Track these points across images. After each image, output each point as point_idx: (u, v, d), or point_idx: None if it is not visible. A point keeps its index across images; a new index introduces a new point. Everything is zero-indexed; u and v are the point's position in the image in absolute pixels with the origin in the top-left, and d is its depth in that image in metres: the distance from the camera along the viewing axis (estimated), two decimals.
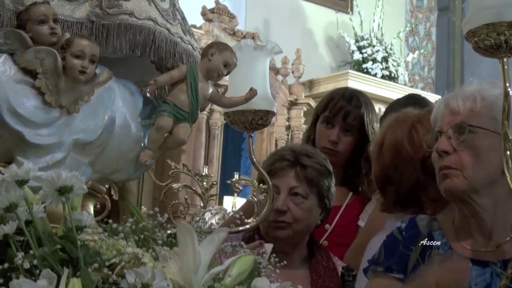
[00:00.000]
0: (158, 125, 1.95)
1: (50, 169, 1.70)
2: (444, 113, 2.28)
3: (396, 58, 9.60)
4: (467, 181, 2.20)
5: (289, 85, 8.33)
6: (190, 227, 1.50)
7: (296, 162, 2.92)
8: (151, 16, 1.93)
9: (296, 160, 2.92)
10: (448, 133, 2.23)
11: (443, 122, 2.27)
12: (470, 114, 2.23)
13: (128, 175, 2.02)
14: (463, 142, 2.21)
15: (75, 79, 1.77)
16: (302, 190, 2.86)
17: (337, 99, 3.45)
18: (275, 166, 2.94)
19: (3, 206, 1.42)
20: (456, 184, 2.21)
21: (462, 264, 2.16)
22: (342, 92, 3.56)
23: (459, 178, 2.21)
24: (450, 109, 2.27)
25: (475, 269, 2.22)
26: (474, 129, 2.21)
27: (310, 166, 2.90)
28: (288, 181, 2.88)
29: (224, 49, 2.03)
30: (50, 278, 1.31)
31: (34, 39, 1.78)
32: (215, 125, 7.67)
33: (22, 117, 1.72)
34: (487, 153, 2.21)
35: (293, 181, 2.88)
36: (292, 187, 2.86)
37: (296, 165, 2.91)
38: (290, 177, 2.89)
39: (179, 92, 1.98)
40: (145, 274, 1.34)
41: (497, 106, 2.20)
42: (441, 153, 2.23)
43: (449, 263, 2.15)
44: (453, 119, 2.24)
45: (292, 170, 2.90)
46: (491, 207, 2.24)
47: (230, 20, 8.29)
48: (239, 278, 1.54)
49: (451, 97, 2.30)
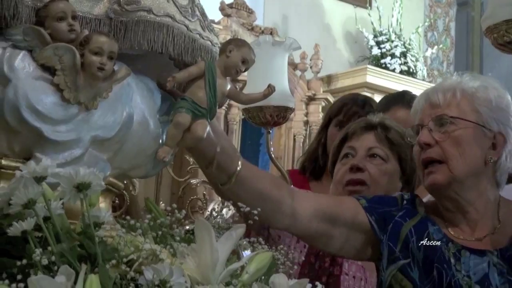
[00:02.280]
0: (176, 121, 1.95)
1: (68, 165, 1.71)
2: (424, 106, 2.29)
3: (415, 53, 9.57)
4: (451, 173, 2.21)
5: (308, 80, 8.31)
6: (207, 224, 1.51)
7: (377, 124, 2.69)
8: (169, 13, 1.93)
9: (378, 122, 2.69)
10: (429, 126, 2.25)
11: (424, 115, 2.29)
12: (450, 106, 2.25)
13: (147, 171, 2.03)
14: (445, 133, 2.22)
15: (94, 75, 1.77)
16: (381, 152, 2.63)
17: (350, 104, 3.46)
18: (352, 128, 2.73)
19: (21, 203, 1.43)
20: (440, 179, 2.22)
21: None
22: (355, 98, 3.58)
23: (443, 171, 2.22)
24: (430, 103, 2.28)
25: (473, 258, 2.22)
26: (455, 120, 2.23)
27: (393, 128, 2.67)
28: (366, 142, 2.65)
29: (242, 46, 2.02)
30: (68, 274, 1.32)
31: (52, 36, 1.78)
32: (233, 120, 7.66)
33: (40, 114, 1.72)
34: (469, 144, 2.23)
35: (372, 142, 2.65)
36: (370, 147, 2.63)
37: (377, 127, 2.68)
38: (369, 137, 2.66)
39: (197, 89, 1.98)
40: (162, 271, 1.35)
41: (477, 98, 2.22)
42: (423, 146, 2.24)
43: None
44: (434, 111, 2.26)
45: (372, 131, 2.67)
46: (476, 199, 2.26)
47: (249, 15, 8.28)
48: (257, 275, 1.54)
49: (430, 91, 2.32)
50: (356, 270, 2.49)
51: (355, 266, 2.49)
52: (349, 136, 2.69)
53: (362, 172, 2.58)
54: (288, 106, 2.94)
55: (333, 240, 2.27)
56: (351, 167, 2.58)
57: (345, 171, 2.58)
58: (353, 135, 2.68)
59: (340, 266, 2.46)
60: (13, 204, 1.44)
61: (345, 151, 2.64)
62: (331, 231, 2.25)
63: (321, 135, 3.55)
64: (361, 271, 2.50)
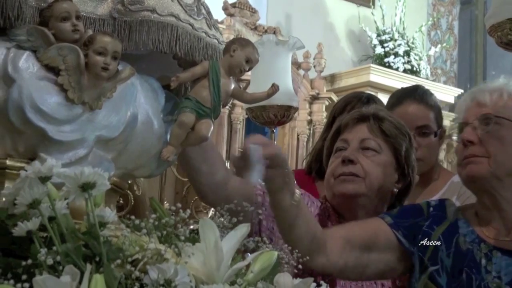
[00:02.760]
0: (180, 121, 1.95)
1: (73, 165, 1.71)
2: (470, 105, 2.30)
3: (418, 52, 9.56)
4: (491, 168, 2.21)
5: (311, 80, 8.31)
6: (212, 223, 1.51)
7: (370, 115, 2.62)
8: (174, 12, 1.93)
9: (371, 113, 2.63)
10: (474, 124, 2.25)
11: (469, 114, 2.29)
12: (496, 106, 2.26)
13: (151, 171, 2.03)
14: (489, 132, 2.23)
15: (98, 75, 1.78)
16: (374, 143, 2.56)
17: (354, 102, 3.45)
18: (345, 120, 2.67)
19: (26, 203, 1.43)
20: (480, 170, 2.23)
21: None
22: (358, 95, 3.56)
23: (483, 164, 2.22)
24: (477, 102, 2.29)
25: (504, 259, 2.22)
26: (500, 120, 2.23)
27: (387, 119, 2.61)
28: (359, 133, 2.59)
29: (246, 45, 2.03)
30: (73, 274, 1.32)
31: (56, 36, 1.78)
32: (237, 120, 7.66)
33: (45, 114, 1.73)
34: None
35: (365, 133, 2.58)
36: (363, 139, 2.57)
37: (369, 118, 2.61)
38: (361, 129, 2.60)
39: (201, 88, 1.98)
40: (167, 270, 1.35)
41: None
42: (466, 143, 2.25)
43: None
44: (480, 110, 2.27)
45: (365, 123, 2.60)
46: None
47: (252, 15, 8.28)
48: (261, 274, 1.54)
49: (477, 91, 2.33)
50: None
51: None
52: (342, 129, 2.65)
53: (354, 164, 2.52)
54: (292, 105, 2.95)
55: (369, 267, 2.30)
56: (343, 159, 2.53)
57: (337, 164, 2.55)
58: (346, 128, 2.64)
59: None
60: (18, 204, 1.44)
61: (338, 144, 2.60)
62: (364, 259, 2.27)
63: (325, 134, 3.53)
64: None
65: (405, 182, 2.61)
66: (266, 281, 1.54)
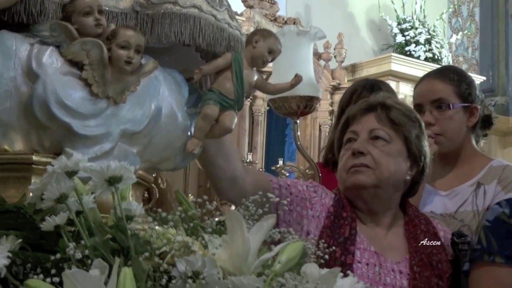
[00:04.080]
0: (204, 113, 1.95)
1: (98, 159, 1.72)
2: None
3: (439, 40, 9.52)
4: None
5: (332, 70, 8.31)
6: (238, 214, 1.51)
7: (377, 104, 2.61)
8: (196, 4, 1.93)
9: (378, 102, 2.61)
10: None
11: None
12: None
13: (176, 164, 2.03)
14: None
15: (121, 69, 1.78)
16: (383, 133, 2.54)
17: (360, 90, 3.42)
18: (353, 111, 2.66)
19: (53, 198, 1.44)
20: None
21: None
22: (364, 83, 3.53)
23: None
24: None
25: None
26: None
27: (394, 107, 2.59)
28: (367, 124, 2.57)
29: (268, 36, 2.02)
30: (102, 267, 1.32)
31: (79, 31, 1.79)
32: (258, 112, 7.67)
33: (69, 109, 1.73)
34: None
35: (373, 123, 2.56)
36: (371, 129, 2.55)
37: (377, 107, 2.59)
38: (369, 119, 2.58)
39: (225, 80, 1.98)
40: (195, 262, 1.35)
41: None
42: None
43: None
44: None
45: (372, 113, 2.59)
46: None
47: (271, 6, 8.28)
48: (288, 265, 1.54)
49: None
50: (369, 256, 2.47)
51: (368, 253, 2.47)
52: (350, 120, 2.63)
53: (365, 156, 2.51)
54: (314, 96, 2.94)
55: None
56: (353, 152, 2.53)
57: (348, 156, 2.55)
58: (354, 119, 2.62)
59: (352, 254, 2.43)
60: (46, 199, 1.45)
61: (348, 136, 2.60)
62: None
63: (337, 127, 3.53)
64: (374, 257, 2.47)
65: (418, 168, 2.60)
66: (293, 272, 1.54)
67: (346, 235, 2.44)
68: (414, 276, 2.45)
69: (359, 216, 2.54)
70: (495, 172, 3.04)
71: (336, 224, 2.47)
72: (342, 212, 2.51)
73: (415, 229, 2.57)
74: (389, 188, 2.54)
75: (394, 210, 2.61)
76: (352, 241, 2.44)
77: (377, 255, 2.48)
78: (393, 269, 2.48)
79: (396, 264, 2.48)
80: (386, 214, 2.58)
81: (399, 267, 2.48)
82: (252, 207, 1.70)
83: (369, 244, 2.49)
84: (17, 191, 1.73)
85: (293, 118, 3.05)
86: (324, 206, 2.53)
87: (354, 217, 2.50)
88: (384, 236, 2.56)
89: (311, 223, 2.49)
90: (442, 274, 2.48)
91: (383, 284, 2.44)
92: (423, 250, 2.51)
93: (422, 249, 2.51)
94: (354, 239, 2.45)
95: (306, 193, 2.54)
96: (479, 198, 3.00)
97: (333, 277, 1.54)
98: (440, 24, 9.84)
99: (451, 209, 2.98)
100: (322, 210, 2.52)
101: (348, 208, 2.52)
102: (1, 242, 1.41)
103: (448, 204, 2.96)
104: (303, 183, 2.64)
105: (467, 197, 3.03)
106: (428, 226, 2.60)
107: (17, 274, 1.39)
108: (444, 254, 2.54)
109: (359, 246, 2.47)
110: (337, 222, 2.48)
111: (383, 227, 2.57)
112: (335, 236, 2.44)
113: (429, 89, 3.12)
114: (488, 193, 2.99)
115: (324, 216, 2.51)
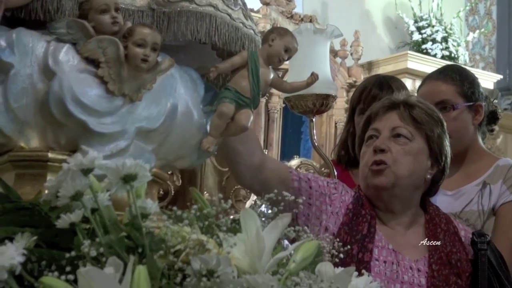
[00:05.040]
0: (220, 111, 1.95)
1: (114, 157, 1.72)
2: None
3: (456, 38, 9.48)
4: None
5: (348, 67, 8.29)
6: (253, 213, 1.51)
7: (400, 102, 2.61)
8: (212, 2, 1.93)
9: (401, 101, 2.62)
10: None
11: None
12: None
13: (191, 161, 2.03)
14: None
15: (138, 67, 1.78)
16: (405, 131, 2.54)
17: (369, 88, 3.40)
18: (375, 108, 2.67)
19: (69, 195, 1.44)
20: None
21: None
22: (373, 80, 3.51)
23: None
24: None
25: None
26: None
27: (417, 106, 2.60)
28: (389, 122, 2.58)
29: (284, 34, 2.02)
30: (116, 265, 1.32)
31: (96, 29, 1.79)
32: (274, 109, 7.66)
33: (85, 106, 1.74)
34: None
35: (396, 121, 2.57)
36: (394, 127, 2.55)
37: (399, 105, 2.60)
38: (392, 117, 2.59)
39: (240, 78, 1.98)
40: (210, 261, 1.35)
41: None
42: None
43: None
44: None
45: (395, 111, 2.59)
46: None
47: (288, 3, 8.27)
48: (303, 263, 1.54)
49: None
50: (387, 254, 2.47)
51: (385, 250, 2.47)
52: (372, 118, 2.64)
53: (385, 153, 2.51)
54: (330, 94, 2.94)
55: None
56: (374, 149, 2.53)
57: (369, 154, 2.55)
58: (376, 116, 2.63)
59: (370, 252, 2.43)
60: (61, 197, 1.45)
61: (370, 133, 2.60)
62: None
63: (349, 125, 3.51)
64: (392, 255, 2.47)
65: (439, 166, 2.60)
66: (308, 271, 1.54)
67: (364, 232, 2.44)
68: (433, 274, 2.45)
69: (379, 215, 2.55)
70: (501, 172, 3.04)
71: (354, 221, 2.48)
72: (361, 210, 2.51)
73: (435, 227, 2.56)
74: (408, 186, 2.54)
75: (414, 209, 2.61)
76: (371, 239, 2.44)
77: (395, 253, 2.48)
78: (411, 267, 2.47)
79: (415, 262, 2.48)
80: (406, 213, 2.58)
81: (417, 265, 2.48)
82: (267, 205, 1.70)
83: (387, 242, 2.49)
84: (32, 188, 1.73)
85: (309, 116, 3.04)
86: (343, 203, 2.53)
87: (374, 215, 2.51)
88: (403, 234, 2.56)
89: (330, 219, 2.50)
90: (461, 273, 2.47)
91: (401, 282, 2.44)
92: (443, 249, 2.51)
93: (442, 247, 2.51)
94: (372, 236, 2.45)
95: (326, 189, 2.55)
96: (484, 197, 3.00)
97: (347, 276, 1.54)
98: (457, 22, 9.80)
99: (457, 208, 2.97)
100: (342, 207, 2.52)
101: (367, 206, 2.52)
102: (17, 239, 1.41)
103: (454, 204, 2.95)
104: (324, 179, 2.64)
105: (472, 196, 3.02)
106: (448, 225, 2.59)
107: (32, 271, 1.39)
108: (464, 253, 2.54)
109: (377, 243, 2.47)
110: (356, 219, 2.48)
111: (402, 226, 2.57)
112: (353, 233, 2.44)
113: (432, 91, 3.12)
114: (493, 193, 2.99)
115: (343, 213, 2.51)
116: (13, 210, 1.53)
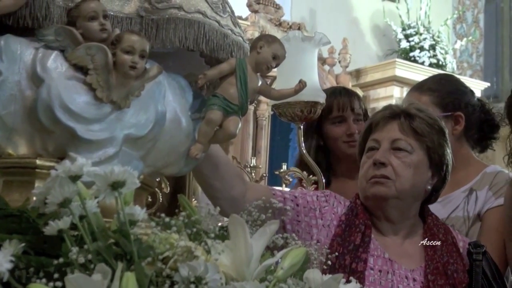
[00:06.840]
0: (208, 118, 1.95)
1: (102, 164, 1.72)
2: None
3: (444, 46, 9.54)
4: None
5: (336, 75, 8.32)
6: (241, 220, 1.51)
7: (400, 112, 2.59)
8: (200, 9, 1.93)
9: (401, 110, 2.60)
10: None
11: None
12: None
13: (179, 168, 2.03)
14: None
15: (126, 74, 1.78)
16: (405, 144, 2.52)
17: (335, 96, 3.42)
18: (376, 118, 2.64)
19: (57, 202, 1.44)
20: None
21: None
22: (332, 90, 3.55)
23: None
24: None
25: None
26: None
27: (418, 116, 2.57)
28: (390, 133, 2.56)
29: (273, 42, 2.02)
30: (104, 272, 1.32)
31: (84, 36, 1.79)
32: (262, 116, 7.68)
33: (74, 113, 1.73)
34: None
35: (396, 133, 2.55)
36: (394, 139, 2.54)
37: (400, 115, 2.58)
38: (392, 128, 2.57)
39: (229, 86, 1.98)
40: (198, 267, 1.35)
41: None
42: None
43: None
44: None
45: (395, 121, 2.57)
46: None
47: (276, 11, 8.30)
48: (291, 270, 1.54)
49: None
50: (383, 263, 2.47)
51: (381, 259, 2.47)
52: (373, 128, 2.63)
53: (386, 167, 2.50)
54: (318, 101, 2.94)
55: None
56: (374, 162, 2.53)
57: (369, 165, 2.54)
58: (377, 126, 2.61)
59: (364, 261, 2.43)
60: (49, 203, 1.45)
61: (370, 144, 2.59)
62: None
63: (315, 142, 3.48)
64: (388, 264, 2.47)
65: (440, 176, 2.60)
66: (295, 278, 1.54)
67: (357, 243, 2.44)
68: (428, 284, 2.45)
69: (376, 224, 2.55)
70: (488, 178, 3.06)
71: (347, 232, 2.47)
72: (354, 220, 2.50)
73: (433, 237, 2.56)
74: (409, 199, 2.55)
75: (413, 219, 2.61)
76: (365, 248, 2.44)
77: (391, 262, 2.48)
78: (406, 276, 2.47)
79: (410, 271, 2.48)
80: (405, 223, 2.58)
81: (413, 274, 2.48)
82: (255, 212, 1.70)
83: (384, 251, 2.49)
84: (20, 195, 1.73)
85: (297, 124, 3.04)
86: (335, 215, 2.53)
87: (369, 224, 2.50)
88: (400, 244, 2.56)
89: (321, 232, 2.50)
90: (457, 284, 2.47)
91: None
92: (439, 259, 2.50)
93: (438, 257, 2.51)
94: (367, 246, 2.45)
95: (315, 204, 2.55)
96: (470, 204, 3.02)
97: (335, 283, 1.54)
98: (445, 30, 9.85)
99: (443, 215, 2.98)
100: (333, 219, 2.52)
101: (361, 215, 2.51)
102: (4, 246, 1.40)
103: (441, 211, 2.95)
104: (314, 193, 2.63)
105: (459, 203, 3.04)
106: (447, 235, 2.59)
107: (20, 278, 1.39)
108: (461, 264, 2.53)
109: (373, 253, 2.47)
110: (349, 230, 2.48)
111: (400, 236, 2.57)
112: (346, 244, 2.44)
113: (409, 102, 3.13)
114: (479, 199, 3.00)
115: (335, 225, 2.51)
116: (1, 217, 1.53)
